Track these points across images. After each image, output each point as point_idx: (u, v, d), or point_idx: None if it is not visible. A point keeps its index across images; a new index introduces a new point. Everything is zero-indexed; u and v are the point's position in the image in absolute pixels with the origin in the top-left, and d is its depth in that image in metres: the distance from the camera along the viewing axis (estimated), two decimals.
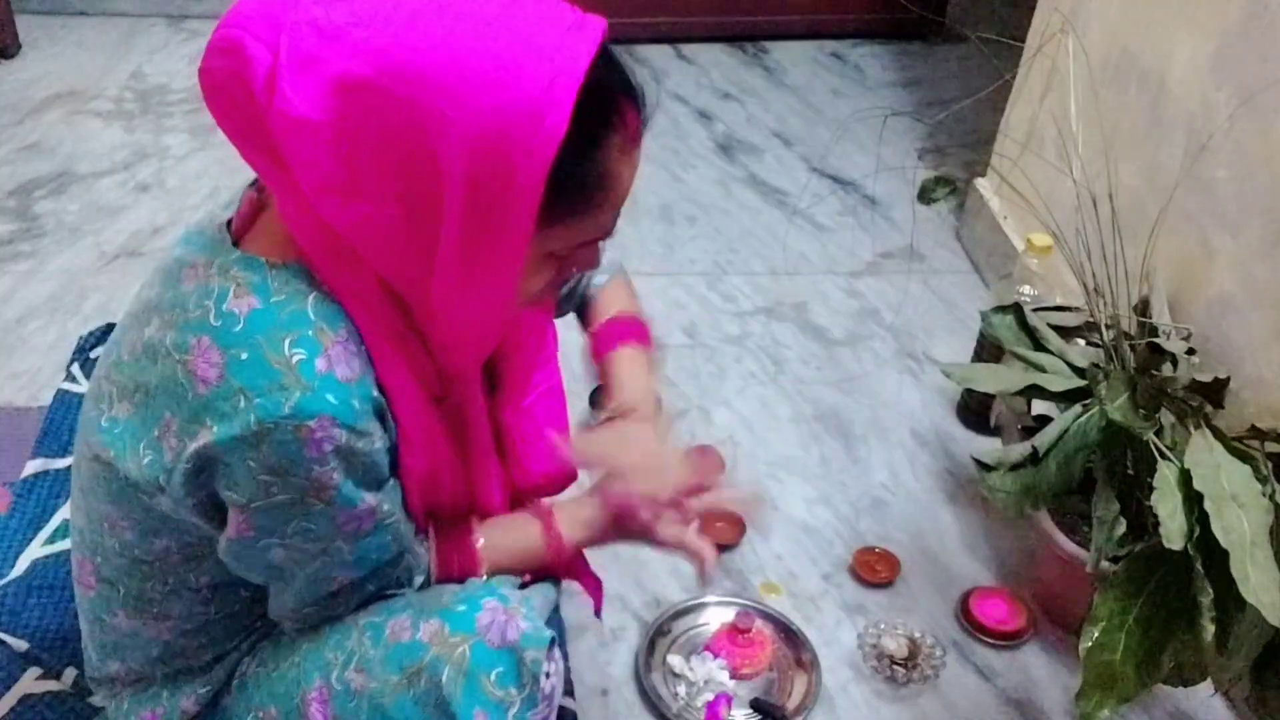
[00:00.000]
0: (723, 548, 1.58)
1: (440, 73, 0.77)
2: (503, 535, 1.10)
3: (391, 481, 0.96)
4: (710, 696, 1.38)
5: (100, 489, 0.95)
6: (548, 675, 0.97)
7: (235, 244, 0.90)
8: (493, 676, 0.95)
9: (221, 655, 1.06)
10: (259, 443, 0.83)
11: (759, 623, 1.45)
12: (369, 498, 0.91)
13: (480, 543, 1.07)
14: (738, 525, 1.61)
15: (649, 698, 1.39)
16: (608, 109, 0.83)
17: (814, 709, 1.39)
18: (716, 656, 1.42)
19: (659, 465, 1.13)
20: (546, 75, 0.78)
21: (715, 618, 1.49)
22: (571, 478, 1.19)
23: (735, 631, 1.43)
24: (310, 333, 0.84)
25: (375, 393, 0.89)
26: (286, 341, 0.83)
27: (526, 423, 1.15)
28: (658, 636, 1.46)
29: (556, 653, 0.99)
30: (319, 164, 0.80)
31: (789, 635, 1.47)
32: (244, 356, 0.83)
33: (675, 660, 1.43)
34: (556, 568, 1.16)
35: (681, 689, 1.40)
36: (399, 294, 0.89)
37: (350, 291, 0.88)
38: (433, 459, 1.00)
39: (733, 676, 1.41)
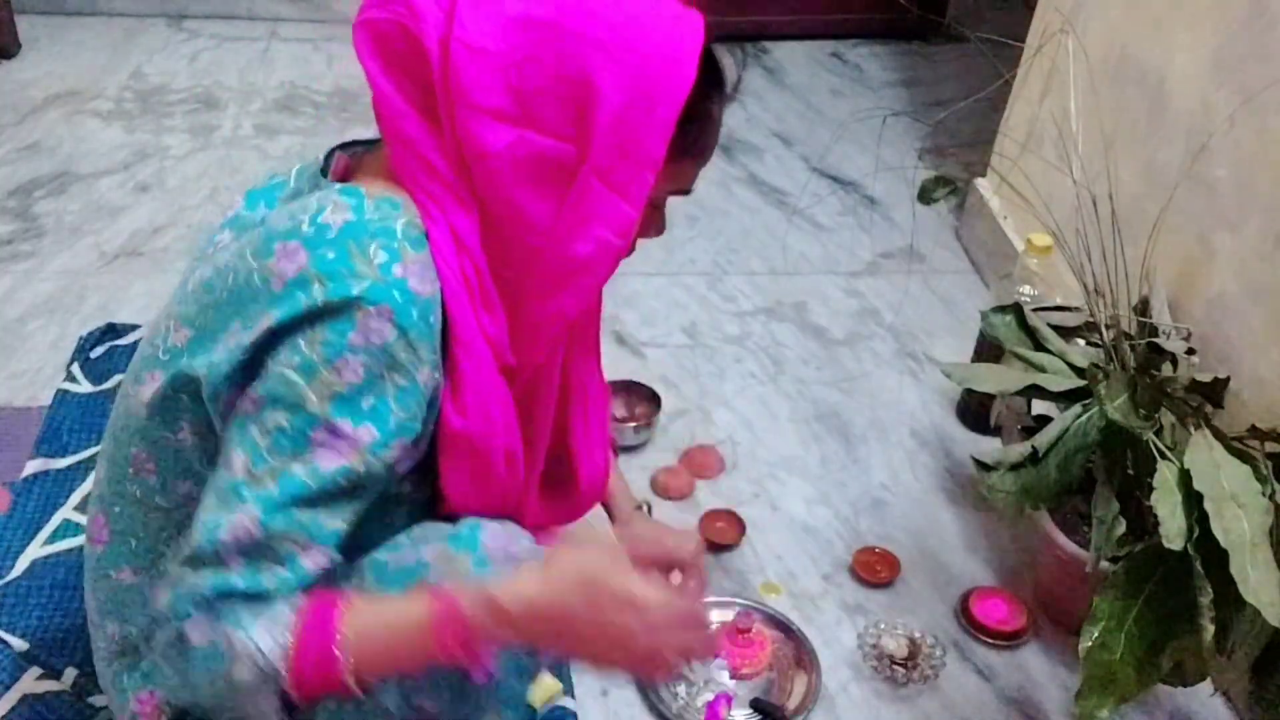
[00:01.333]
0: (722, 548, 1.59)
1: (605, 15, 0.90)
2: (376, 607, 0.93)
3: (411, 447, 0.92)
4: (710, 696, 1.38)
5: (135, 427, 0.98)
6: None
7: None
8: None
9: None
10: (317, 322, 0.86)
11: (759, 623, 1.45)
12: (363, 430, 0.87)
13: (346, 619, 0.89)
14: (738, 525, 1.61)
15: (649, 698, 1.39)
16: (716, 69, 0.98)
17: (814, 709, 1.39)
18: (716, 656, 1.42)
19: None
20: (679, 31, 0.93)
21: (715, 618, 1.48)
22: (602, 486, 1.22)
23: (735, 631, 1.43)
24: (395, 245, 0.89)
25: (437, 323, 0.91)
26: (373, 246, 0.88)
27: (581, 429, 1.18)
28: None
29: None
30: (490, 89, 0.89)
31: (789, 635, 1.47)
32: (330, 255, 0.87)
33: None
34: (448, 649, 0.89)
35: (681, 689, 1.40)
36: (505, 239, 0.94)
37: (442, 238, 0.92)
38: (484, 430, 0.98)
39: (733, 676, 1.41)
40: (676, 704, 1.38)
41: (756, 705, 1.39)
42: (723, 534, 1.60)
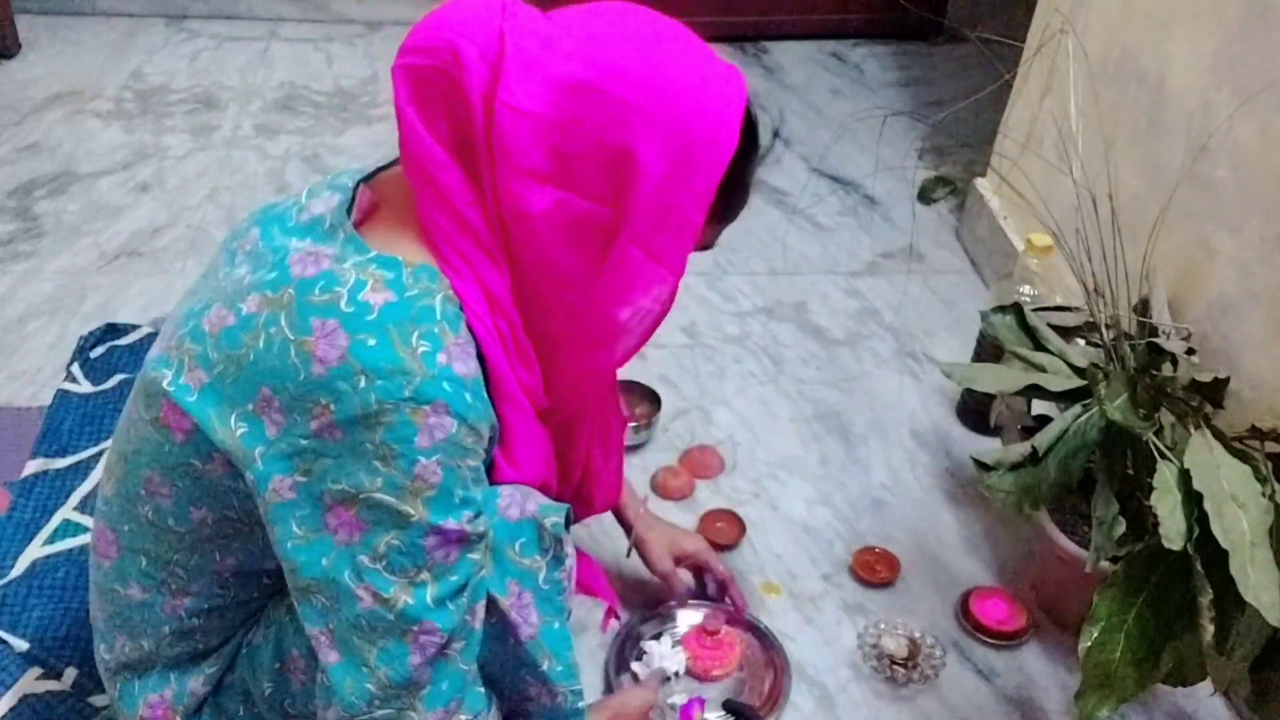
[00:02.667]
0: (722, 547, 1.58)
1: (649, 82, 0.90)
2: None
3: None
4: (683, 700, 1.37)
5: (149, 451, 0.96)
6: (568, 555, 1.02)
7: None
8: (516, 547, 1.00)
9: (230, 638, 1.07)
10: (376, 426, 0.85)
11: (726, 624, 1.44)
12: (465, 517, 0.91)
13: None
14: (737, 525, 1.61)
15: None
16: (754, 133, 0.99)
17: (785, 707, 1.38)
18: (675, 645, 1.42)
19: None
20: (724, 98, 0.93)
21: (684, 621, 1.47)
22: (614, 503, 1.32)
23: (703, 633, 1.42)
24: (435, 329, 0.88)
25: (484, 392, 0.92)
26: (415, 334, 0.87)
27: (601, 460, 1.23)
28: (627, 641, 1.44)
29: (569, 536, 1.05)
30: (530, 151, 0.89)
31: (757, 635, 1.46)
32: (371, 342, 0.86)
33: (639, 667, 1.42)
34: None
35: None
36: (540, 296, 0.95)
37: (474, 298, 0.92)
38: (534, 475, 1.03)
39: (703, 679, 1.41)
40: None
41: (728, 706, 1.37)
42: (723, 534, 1.60)
